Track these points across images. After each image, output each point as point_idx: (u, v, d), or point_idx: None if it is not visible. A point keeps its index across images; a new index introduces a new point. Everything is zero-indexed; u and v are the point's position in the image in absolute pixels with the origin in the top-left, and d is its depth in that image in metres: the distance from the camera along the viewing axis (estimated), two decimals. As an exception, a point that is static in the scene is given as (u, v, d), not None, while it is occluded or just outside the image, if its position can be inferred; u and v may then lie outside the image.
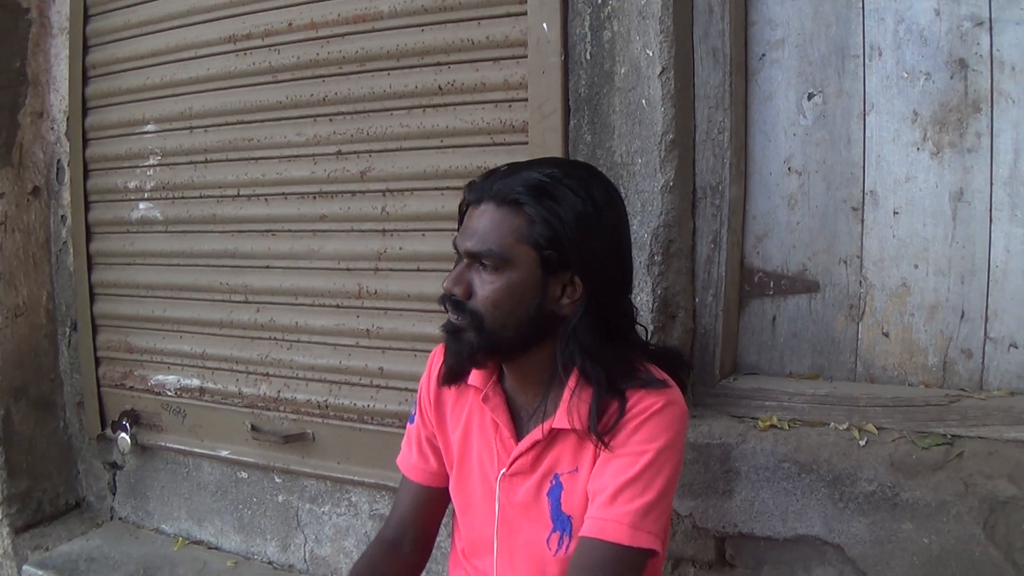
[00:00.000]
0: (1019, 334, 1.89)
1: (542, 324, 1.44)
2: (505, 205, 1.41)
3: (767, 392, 1.99)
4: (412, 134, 2.25)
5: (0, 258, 2.84)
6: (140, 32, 2.69)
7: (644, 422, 1.41)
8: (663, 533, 1.44)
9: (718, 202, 2.00)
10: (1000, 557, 1.73)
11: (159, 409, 2.81)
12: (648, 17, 1.89)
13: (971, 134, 1.87)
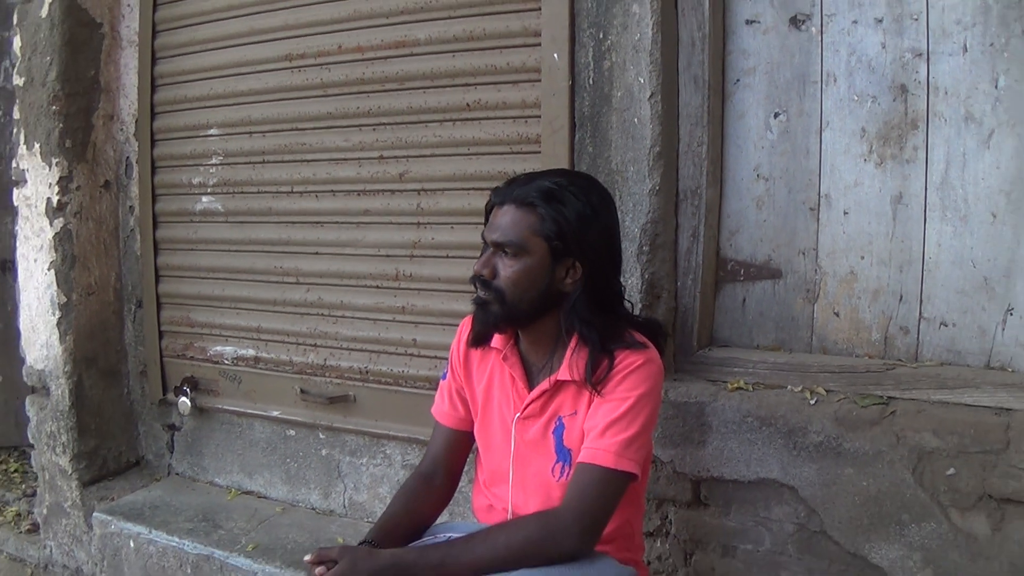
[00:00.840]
0: (948, 315, 2.27)
1: (550, 299, 1.87)
2: (523, 206, 1.83)
3: (736, 360, 2.39)
4: (444, 143, 2.64)
5: (75, 243, 3.24)
6: (204, 48, 3.09)
7: (628, 375, 1.82)
8: (643, 462, 1.84)
9: (697, 203, 2.39)
10: (926, 498, 2.11)
11: (217, 376, 3.23)
12: (640, 50, 2.29)
13: (909, 147, 2.26)
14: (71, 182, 3.16)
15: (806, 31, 2.34)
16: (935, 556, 2.10)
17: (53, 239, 3.15)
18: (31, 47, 3.14)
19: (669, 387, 2.38)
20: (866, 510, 2.16)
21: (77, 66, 3.15)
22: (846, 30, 2.29)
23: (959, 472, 2.05)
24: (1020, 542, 2.03)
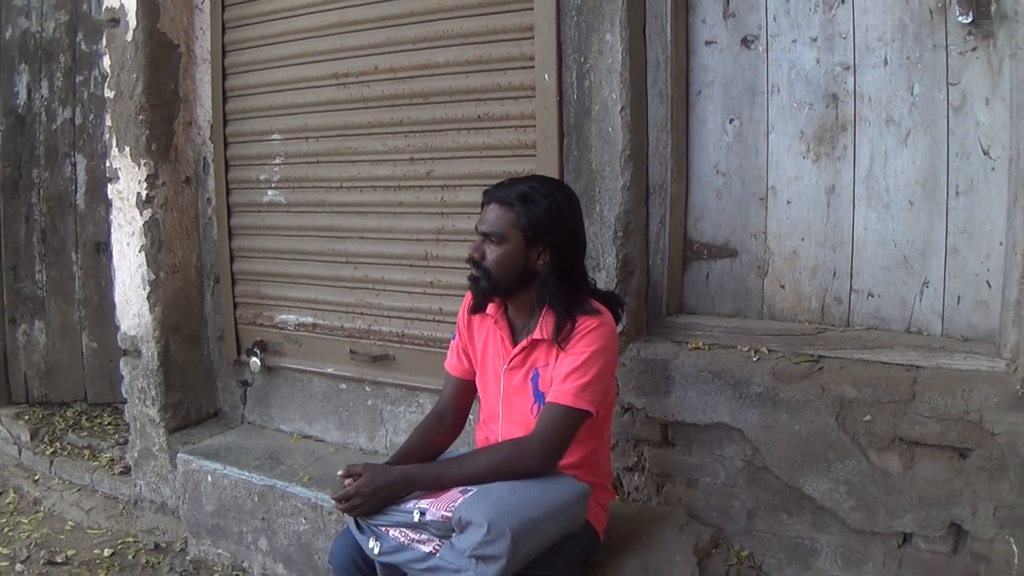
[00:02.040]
0: (874, 287, 2.68)
1: (525, 276, 2.36)
2: (504, 205, 2.33)
3: (696, 325, 2.85)
4: (461, 147, 3.13)
5: (162, 230, 3.79)
6: (266, 67, 3.60)
7: (585, 335, 2.31)
8: (597, 404, 2.30)
9: (663, 196, 2.84)
10: (848, 440, 2.52)
11: (282, 340, 3.78)
12: (613, 72, 2.72)
13: (840, 147, 2.67)
14: (157, 179, 3.72)
15: (755, 50, 2.76)
16: (857, 489, 2.52)
17: (143, 227, 3.71)
18: (119, 65, 3.69)
19: (641, 347, 2.85)
20: (799, 450, 2.59)
21: (159, 81, 3.69)
22: (787, 48, 2.70)
23: (874, 418, 2.47)
24: (927, 478, 2.43)
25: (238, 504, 3.37)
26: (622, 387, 2.84)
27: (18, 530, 3.85)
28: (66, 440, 4.36)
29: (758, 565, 2.72)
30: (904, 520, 2.46)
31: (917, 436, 2.41)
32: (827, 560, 2.62)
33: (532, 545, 2.11)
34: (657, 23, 2.77)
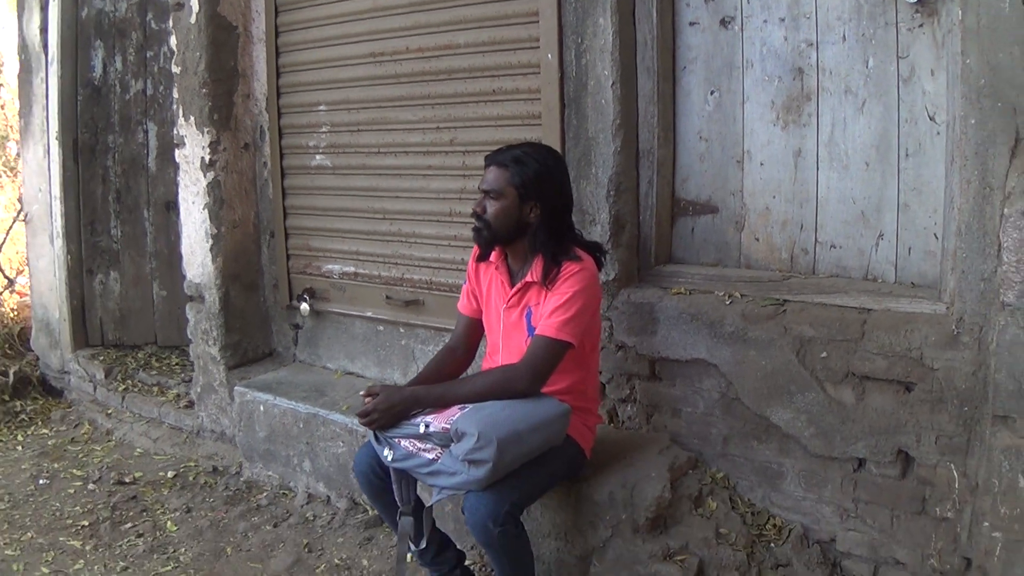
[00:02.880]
0: (836, 239, 2.99)
1: (520, 228, 2.74)
2: (501, 167, 2.72)
3: (681, 273, 3.20)
4: (479, 117, 3.50)
5: (223, 190, 4.24)
6: (313, 46, 4.01)
7: (568, 278, 2.68)
8: (578, 337, 2.64)
9: (651, 159, 3.18)
10: (807, 374, 2.85)
11: (328, 287, 4.22)
12: (604, 51, 3.06)
13: (805, 114, 2.98)
14: (219, 145, 4.17)
15: (731, 29, 3.09)
16: (816, 418, 2.86)
17: (206, 187, 4.17)
18: (184, 44, 4.14)
19: (631, 292, 3.22)
20: (766, 383, 2.94)
21: (219, 58, 4.14)
22: (759, 27, 3.02)
23: (830, 355, 2.79)
24: (876, 409, 2.75)
25: (286, 431, 3.86)
26: (616, 327, 3.23)
27: (91, 456, 4.41)
28: (137, 378, 4.90)
29: (732, 486, 3.10)
30: (857, 447, 2.80)
31: (867, 371, 2.74)
32: (792, 482, 2.97)
33: (516, 453, 2.52)
34: (644, 8, 3.11)
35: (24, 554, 3.43)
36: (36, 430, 4.81)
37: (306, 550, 3.40)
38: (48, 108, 5.01)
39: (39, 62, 5.04)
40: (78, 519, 3.72)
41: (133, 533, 3.59)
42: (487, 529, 2.51)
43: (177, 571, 3.29)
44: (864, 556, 2.88)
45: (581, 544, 2.91)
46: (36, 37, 5.03)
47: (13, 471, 4.24)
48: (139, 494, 3.93)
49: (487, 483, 2.49)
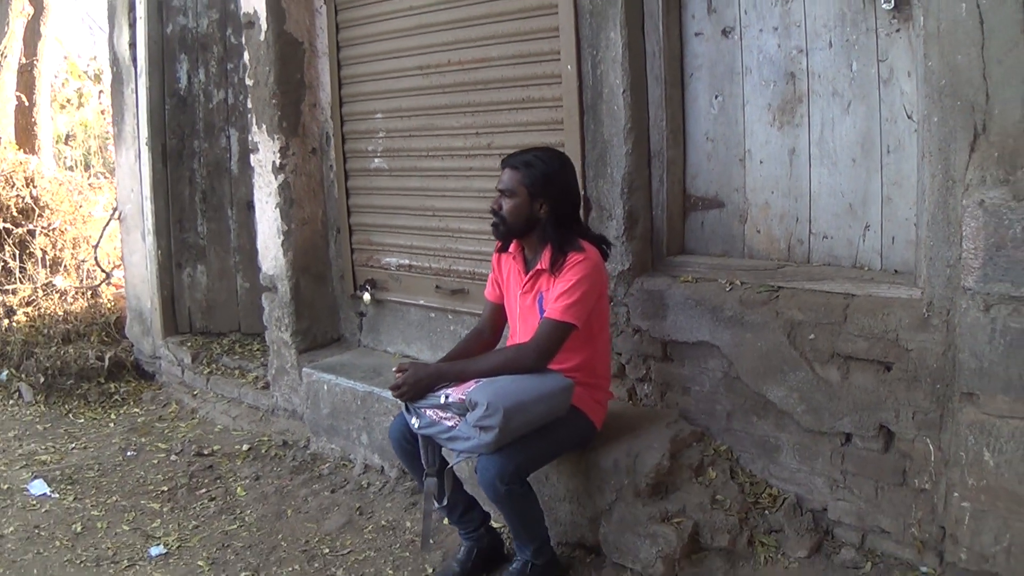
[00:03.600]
0: (828, 231, 3.31)
1: (530, 222, 3.17)
2: (514, 169, 3.15)
3: (689, 263, 3.58)
4: (511, 123, 3.93)
5: (292, 191, 4.78)
6: (369, 60, 4.51)
7: (572, 267, 3.09)
8: (581, 320, 3.03)
9: (662, 159, 3.56)
10: (796, 354, 3.18)
11: (387, 278, 4.72)
12: (616, 62, 3.46)
13: (797, 115, 3.32)
14: (288, 150, 4.72)
15: (732, 39, 3.45)
16: (806, 395, 3.19)
17: (277, 188, 4.72)
18: (255, 59, 4.70)
19: (644, 280, 3.60)
20: (761, 363, 3.28)
21: (287, 72, 4.69)
22: (756, 36, 3.36)
23: (817, 337, 3.13)
24: (859, 387, 3.07)
25: (346, 407, 4.38)
26: (632, 313, 3.62)
27: (176, 432, 5.03)
28: (220, 362, 5.51)
29: (735, 458, 3.47)
30: (844, 422, 3.13)
31: (850, 351, 3.07)
32: (788, 455, 3.32)
33: (521, 421, 2.94)
34: (652, 22, 3.49)
35: (108, 514, 4.03)
36: (128, 409, 5.48)
37: (357, 513, 3.90)
38: (138, 116, 5.67)
39: (129, 74, 5.71)
40: (159, 485, 4.32)
41: (206, 497, 4.16)
42: (495, 487, 2.96)
43: (241, 529, 3.83)
44: (852, 524, 3.20)
45: (591, 507, 3.33)
46: (126, 52, 5.70)
47: (104, 444, 4.90)
48: (215, 464, 4.51)
49: (495, 447, 2.93)
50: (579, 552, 3.38)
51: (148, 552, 3.66)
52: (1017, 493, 2.71)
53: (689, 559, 3.16)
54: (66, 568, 3.54)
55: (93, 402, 5.52)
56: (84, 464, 4.60)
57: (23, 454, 4.76)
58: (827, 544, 3.23)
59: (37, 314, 6.30)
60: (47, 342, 5.94)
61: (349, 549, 3.61)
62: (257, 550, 3.64)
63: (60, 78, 10.25)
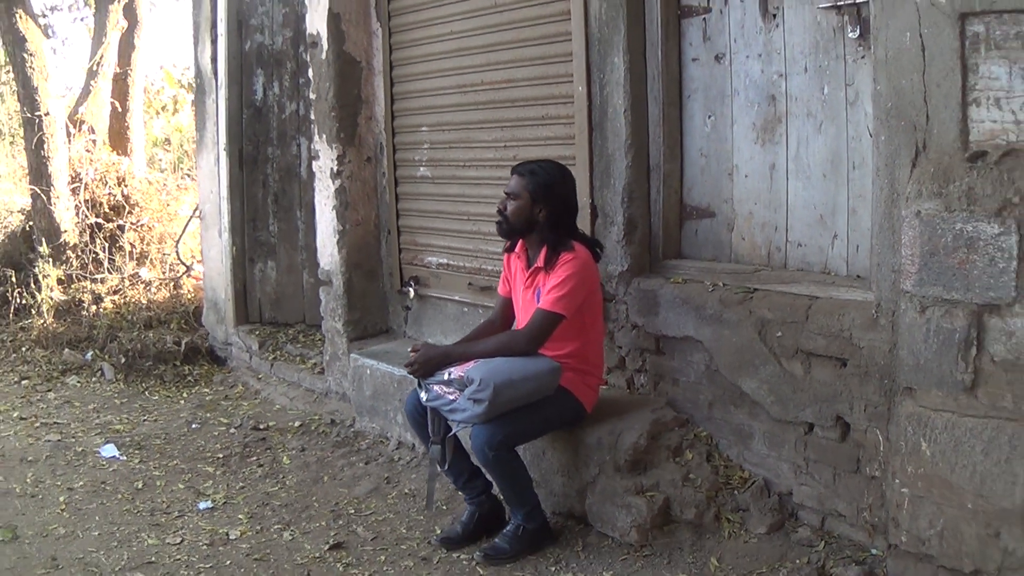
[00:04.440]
0: (802, 239, 3.73)
1: (530, 224, 3.70)
2: (520, 175, 3.68)
3: (681, 266, 4.04)
4: (533, 138, 4.46)
5: (348, 195, 5.39)
6: (417, 79, 5.11)
7: (563, 264, 3.60)
8: (570, 311, 3.55)
9: (659, 173, 4.04)
10: (766, 350, 3.61)
11: (428, 275, 5.29)
12: (618, 85, 3.95)
13: (777, 134, 3.77)
14: (345, 159, 5.35)
15: (723, 64, 3.92)
16: (774, 387, 3.62)
17: (334, 192, 5.35)
18: (318, 76, 5.35)
19: (641, 281, 4.07)
20: (736, 357, 3.73)
21: (346, 88, 5.33)
22: (743, 62, 3.83)
23: (783, 334, 3.56)
24: (819, 381, 3.48)
25: (385, 390, 4.97)
26: (630, 310, 4.10)
27: (239, 409, 5.72)
28: (284, 350, 6.17)
29: (715, 444, 3.91)
30: (806, 412, 3.54)
31: (811, 348, 3.49)
32: (759, 442, 3.75)
33: (509, 396, 3.47)
34: (652, 49, 3.99)
35: (167, 475, 4.70)
36: (199, 389, 6.22)
37: (385, 481, 4.49)
38: (218, 124, 6.41)
39: (211, 86, 6.46)
40: (215, 452, 4.99)
41: (255, 464, 4.81)
42: (484, 452, 3.51)
43: (281, 491, 4.46)
44: (814, 508, 3.61)
45: (578, 480, 3.84)
46: (208, 65, 6.46)
47: (173, 418, 5.62)
48: (267, 437, 5.16)
49: (485, 418, 3.47)
50: (570, 522, 3.89)
51: (197, 506, 4.31)
52: (949, 481, 3.05)
53: (661, 529, 3.64)
54: (124, 516, 4.21)
55: (168, 382, 6.27)
56: (152, 433, 5.32)
57: (99, 424, 5.51)
58: (788, 524, 3.65)
59: (122, 302, 7.12)
60: (130, 327, 6.74)
61: (372, 511, 4.19)
62: (292, 508, 4.26)
63: (157, 86, 11.32)
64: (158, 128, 11.00)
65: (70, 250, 7.40)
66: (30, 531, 4.04)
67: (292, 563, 3.73)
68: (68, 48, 10.93)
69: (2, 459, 4.91)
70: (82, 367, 6.53)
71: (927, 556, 3.11)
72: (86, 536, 4.00)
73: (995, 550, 2.92)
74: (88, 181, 7.58)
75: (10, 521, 4.13)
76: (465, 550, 3.76)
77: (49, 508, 4.29)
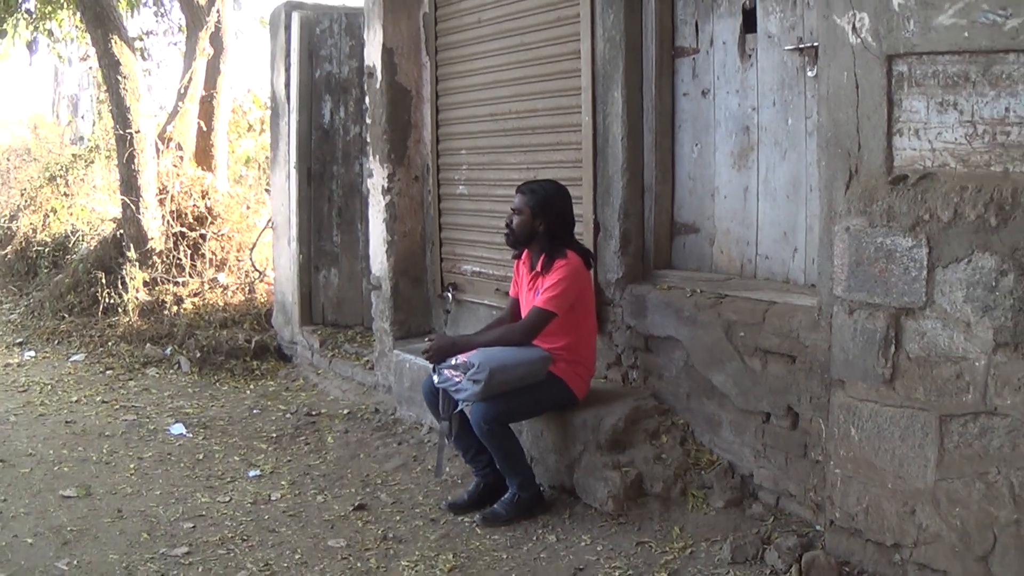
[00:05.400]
0: (769, 253, 4.35)
1: (531, 235, 4.41)
2: (523, 194, 4.42)
3: (668, 275, 4.69)
4: (549, 161, 5.17)
5: (396, 209, 6.19)
6: (456, 107, 5.91)
7: (556, 270, 4.30)
8: (561, 309, 4.24)
9: (652, 194, 4.71)
10: (732, 348, 4.22)
11: (464, 282, 6.03)
12: (617, 116, 4.64)
13: (750, 161, 4.40)
14: (395, 177, 6.16)
15: (708, 98, 4.60)
16: (738, 381, 4.24)
17: (384, 207, 6.15)
18: (373, 103, 6.18)
19: (634, 288, 4.75)
20: (708, 354, 4.36)
21: (397, 114, 6.14)
22: (724, 97, 4.48)
23: (746, 335, 4.18)
24: (774, 374, 4.07)
25: (420, 381, 5.66)
26: (625, 313, 4.77)
27: (297, 399, 6.57)
28: (342, 348, 7.00)
29: (691, 431, 4.54)
30: (763, 403, 4.15)
31: (768, 346, 4.10)
32: (726, 429, 4.37)
33: (502, 378, 4.17)
34: (648, 84, 4.70)
35: (225, 449, 5.55)
36: (264, 382, 7.11)
37: (412, 459, 5.25)
38: (290, 144, 7.32)
39: (284, 109, 7.39)
40: (269, 433, 5.83)
41: (303, 442, 5.63)
42: (479, 426, 4.24)
43: (321, 464, 5.26)
44: (770, 488, 4.21)
45: (567, 456, 4.54)
46: (282, 91, 7.39)
47: (237, 405, 6.50)
48: (317, 421, 5.99)
49: (481, 396, 4.19)
50: (563, 495, 4.57)
51: (247, 474, 5.13)
52: (873, 463, 3.59)
53: (634, 501, 4.30)
54: (184, 480, 5.04)
55: (237, 375, 7.18)
56: (217, 416, 6.20)
57: (172, 407, 6.43)
58: (745, 501, 4.27)
59: (201, 303, 8.09)
60: (206, 326, 7.69)
61: (396, 482, 4.96)
62: (328, 478, 5.05)
63: (246, 107, 12.50)
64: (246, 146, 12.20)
65: (156, 256, 8.41)
66: (101, 490, 4.90)
67: (320, 519, 4.50)
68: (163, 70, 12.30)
69: (83, 434, 5.83)
70: (161, 360, 7.51)
71: (856, 531, 3.62)
72: (149, 495, 4.84)
73: (911, 526, 3.43)
74: (174, 193, 8.62)
75: (85, 482, 4.99)
76: (469, 515, 4.47)
77: (120, 473, 5.16)
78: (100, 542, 4.24)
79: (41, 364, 7.62)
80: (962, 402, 3.26)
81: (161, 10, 11.45)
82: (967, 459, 3.27)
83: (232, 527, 4.42)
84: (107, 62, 8.54)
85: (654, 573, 3.82)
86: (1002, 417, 3.15)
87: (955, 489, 3.30)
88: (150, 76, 11.62)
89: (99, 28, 8.45)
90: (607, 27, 4.77)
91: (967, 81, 3.27)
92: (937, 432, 3.34)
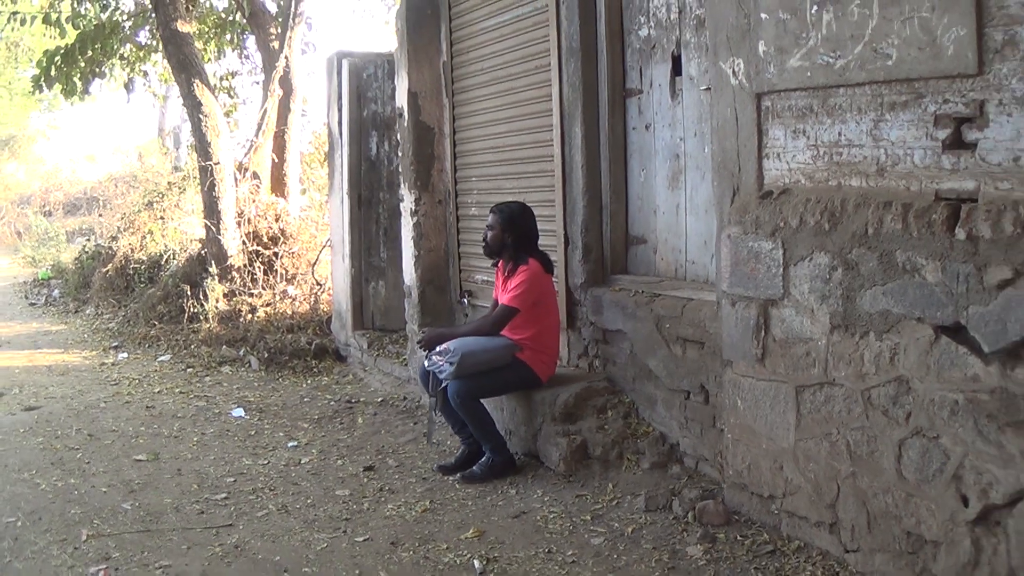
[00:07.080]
0: (695, 259, 5.31)
1: (503, 247, 5.50)
2: (496, 213, 5.54)
3: (621, 280, 5.69)
4: (532, 186, 6.23)
5: (422, 228, 7.32)
6: (470, 141, 7.03)
7: (519, 274, 5.37)
8: (524, 306, 5.31)
9: (608, 212, 5.72)
10: (660, 337, 5.21)
11: (477, 289, 7.08)
12: (578, 147, 5.67)
13: (680, 182, 5.37)
14: (421, 201, 7.31)
15: (650, 131, 5.63)
16: (666, 365, 5.22)
17: (412, 226, 7.29)
18: (403, 139, 7.36)
19: (594, 290, 5.80)
20: (644, 343, 5.34)
21: (422, 148, 7.30)
22: (661, 129, 5.46)
23: (671, 327, 5.17)
24: (690, 359, 5.01)
25: (435, 374, 6.99)
26: (588, 311, 5.84)
27: (343, 390, 7.80)
28: (386, 349, 8.18)
29: (636, 408, 5.60)
30: (684, 383, 5.10)
31: (686, 335, 5.08)
32: (660, 406, 5.34)
33: (472, 361, 5.26)
34: (603, 121, 5.78)
35: (273, 427, 6.77)
36: (319, 378, 8.38)
37: (422, 435, 6.41)
38: (343, 173, 8.58)
39: (338, 143, 8.70)
40: (313, 415, 7.04)
41: (338, 422, 6.83)
42: (455, 399, 5.34)
43: (348, 438, 6.44)
44: (691, 454, 5.15)
45: (532, 428, 5.65)
46: (336, 128, 8.68)
47: (293, 395, 7.77)
48: (354, 407, 7.20)
49: (455, 376, 5.29)
50: (532, 461, 5.62)
51: (287, 444, 6.40)
52: (752, 428, 4.46)
53: (580, 463, 5.32)
54: (235, 450, 6.25)
55: (298, 372, 8.49)
56: (273, 403, 7.46)
57: (238, 397, 7.73)
58: (669, 464, 5.28)
59: (272, 312, 9.47)
60: (275, 331, 9.03)
61: (405, 452, 6.09)
62: (351, 448, 6.23)
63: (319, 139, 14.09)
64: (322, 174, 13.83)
65: (234, 271, 9.82)
66: (167, 456, 6.16)
67: (335, 476, 5.69)
68: (248, 106, 14.11)
69: (160, 416, 7.17)
70: (235, 360, 8.88)
71: (744, 486, 4.48)
72: (204, 459, 6.08)
73: (780, 480, 4.26)
74: (251, 217, 10.09)
75: (155, 450, 6.27)
76: (453, 475, 5.57)
77: (184, 444, 6.43)
78: (159, 491, 5.47)
79: (132, 363, 9.11)
80: (811, 375, 4.07)
81: (244, 52, 13.09)
82: (816, 422, 4.07)
83: (264, 481, 5.61)
84: (190, 103, 10.06)
85: (582, 516, 4.82)
86: (839, 387, 3.95)
87: (809, 448, 4.10)
88: (236, 112, 13.28)
89: (183, 73, 10.00)
90: (569, 74, 5.88)
91: (811, 112, 4.09)
92: (794, 401, 4.17)
